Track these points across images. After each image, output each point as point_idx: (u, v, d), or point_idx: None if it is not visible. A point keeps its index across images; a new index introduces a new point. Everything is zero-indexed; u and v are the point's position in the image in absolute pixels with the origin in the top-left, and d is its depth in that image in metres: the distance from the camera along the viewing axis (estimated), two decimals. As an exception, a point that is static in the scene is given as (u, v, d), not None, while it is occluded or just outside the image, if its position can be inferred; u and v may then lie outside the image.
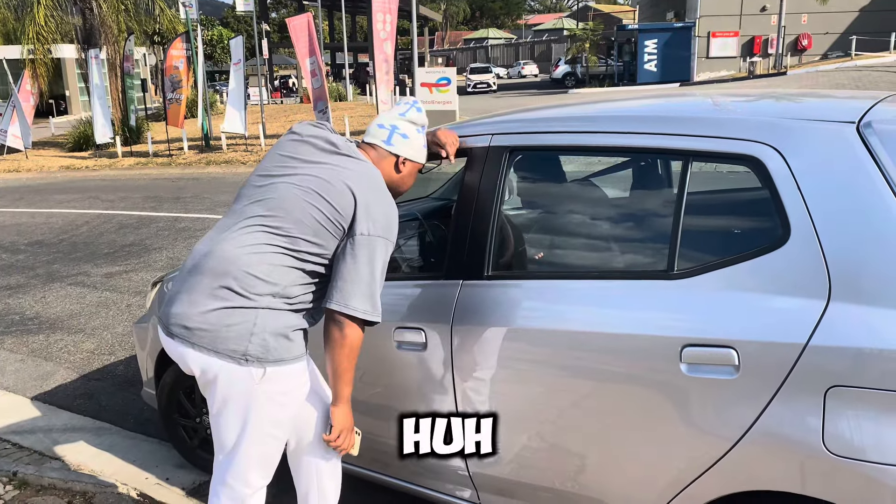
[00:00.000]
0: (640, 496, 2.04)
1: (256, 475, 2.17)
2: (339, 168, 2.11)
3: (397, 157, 2.25)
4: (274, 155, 2.20)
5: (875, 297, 1.66)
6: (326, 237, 2.06)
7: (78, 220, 10.49)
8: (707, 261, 1.93)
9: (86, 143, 20.44)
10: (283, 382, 2.08)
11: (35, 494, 3.17)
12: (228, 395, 2.06)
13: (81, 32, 21.04)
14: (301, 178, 2.09)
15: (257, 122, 18.58)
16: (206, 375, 2.06)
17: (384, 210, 2.09)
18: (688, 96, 2.73)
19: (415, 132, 2.28)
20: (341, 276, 2.03)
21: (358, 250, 2.03)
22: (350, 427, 2.21)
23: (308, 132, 2.21)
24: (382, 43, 15.71)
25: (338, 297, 2.02)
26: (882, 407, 1.63)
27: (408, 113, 2.27)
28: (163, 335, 2.13)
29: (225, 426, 2.11)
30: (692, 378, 1.86)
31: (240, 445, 2.11)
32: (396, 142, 2.25)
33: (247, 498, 2.19)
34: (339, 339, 2.05)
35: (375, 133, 2.27)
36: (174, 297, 2.10)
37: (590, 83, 34.56)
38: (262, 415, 2.08)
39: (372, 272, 2.04)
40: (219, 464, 2.18)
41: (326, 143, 2.17)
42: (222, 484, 2.18)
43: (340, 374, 2.10)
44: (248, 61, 29.10)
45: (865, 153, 1.75)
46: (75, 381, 4.66)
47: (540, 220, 2.78)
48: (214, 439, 2.17)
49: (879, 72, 22.73)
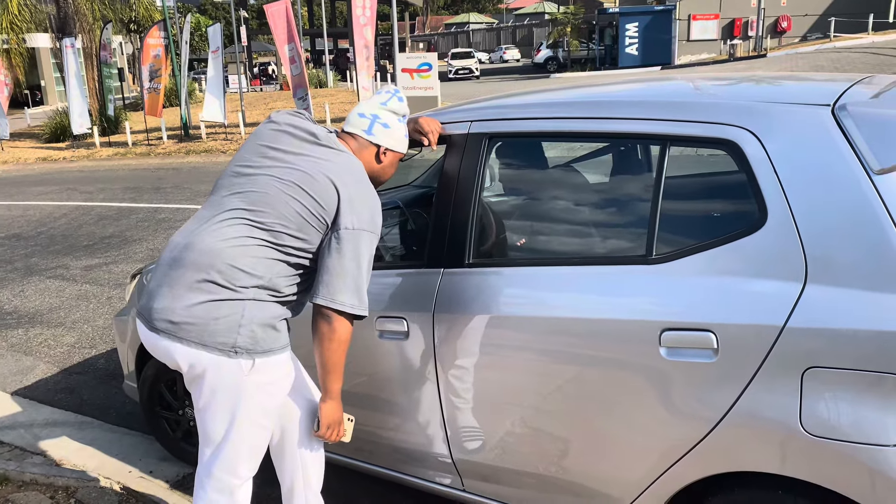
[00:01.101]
0: (622, 479, 2.06)
1: (245, 466, 2.17)
2: (320, 160, 2.09)
3: (378, 146, 2.23)
4: (253, 145, 2.17)
5: (851, 278, 1.68)
6: (310, 231, 2.05)
7: (56, 213, 10.36)
8: (685, 245, 1.94)
9: (63, 133, 20.16)
10: (271, 372, 2.08)
11: (17, 490, 3.15)
12: (217, 388, 2.04)
13: (56, 21, 20.70)
14: (282, 170, 2.07)
15: (237, 110, 18.41)
16: (194, 369, 2.04)
17: (368, 203, 2.08)
18: (667, 80, 2.73)
19: (396, 122, 2.26)
20: (327, 271, 2.02)
21: (343, 244, 2.02)
22: (339, 421, 2.21)
23: (287, 121, 2.18)
24: (362, 28, 15.59)
25: (324, 291, 2.01)
26: (858, 387, 1.65)
27: (389, 102, 2.25)
28: (144, 330, 2.10)
29: (213, 419, 2.10)
30: (672, 362, 1.88)
31: (229, 437, 2.10)
32: (377, 131, 2.22)
33: (235, 489, 2.18)
34: (328, 333, 2.04)
35: (356, 122, 2.24)
36: (155, 291, 2.07)
37: (572, 67, 34.51)
38: (252, 405, 2.07)
39: (358, 266, 2.03)
40: (205, 456, 2.17)
41: (307, 134, 2.15)
42: (209, 476, 2.17)
43: (330, 368, 2.10)
44: (227, 49, 28.78)
45: (840, 136, 1.76)
46: (56, 376, 4.62)
47: (520, 207, 2.78)
48: (200, 432, 2.15)
49: (857, 53, 22.89)
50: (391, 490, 2.91)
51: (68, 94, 18.48)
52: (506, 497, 2.37)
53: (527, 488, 2.31)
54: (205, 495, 2.18)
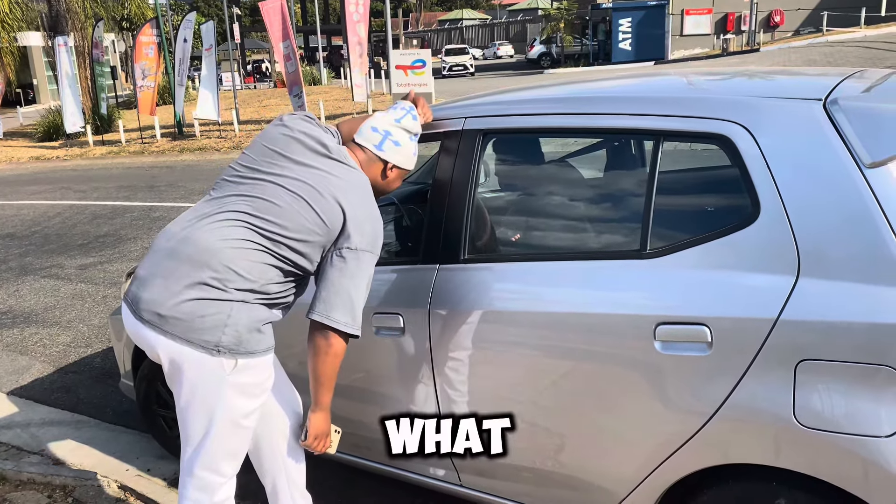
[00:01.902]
0: (618, 472, 2.08)
1: (227, 464, 2.15)
2: (329, 176, 2.08)
3: (386, 163, 2.23)
4: (262, 147, 2.15)
5: (843, 271, 1.69)
6: (311, 244, 2.05)
7: (50, 212, 10.33)
8: (679, 239, 1.95)
9: (56, 132, 20.08)
10: (252, 374, 2.07)
11: (14, 490, 3.15)
12: (197, 385, 2.03)
13: (47, 19, 20.59)
14: (290, 181, 2.06)
15: (231, 107, 18.36)
16: (174, 364, 2.02)
17: (372, 224, 2.09)
18: (660, 76, 2.74)
19: (407, 140, 2.26)
20: (325, 287, 2.03)
21: (344, 263, 2.03)
22: (326, 433, 2.22)
23: (299, 128, 2.17)
24: (356, 25, 15.58)
25: (320, 307, 2.02)
26: (851, 379, 1.66)
27: (403, 120, 2.25)
28: (130, 318, 2.07)
29: (193, 417, 2.08)
30: (666, 356, 1.89)
31: (209, 435, 2.08)
32: (388, 148, 2.22)
33: (217, 487, 2.16)
34: (324, 347, 2.05)
35: (368, 136, 2.23)
36: (147, 280, 2.04)
37: (565, 63, 34.52)
38: (231, 405, 2.06)
39: (356, 286, 2.04)
40: (186, 455, 2.15)
41: (318, 145, 2.14)
42: (190, 475, 2.15)
43: (322, 381, 2.11)
44: (220, 46, 28.69)
45: (832, 130, 1.77)
46: (52, 375, 4.61)
47: (514, 203, 2.79)
48: (181, 431, 2.13)
49: (850, 47, 22.96)
50: (389, 486, 2.92)
51: (61, 93, 18.41)
52: (502, 491, 2.39)
53: (523, 482, 2.32)
54: (187, 493, 2.17)
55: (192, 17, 17.02)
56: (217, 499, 2.18)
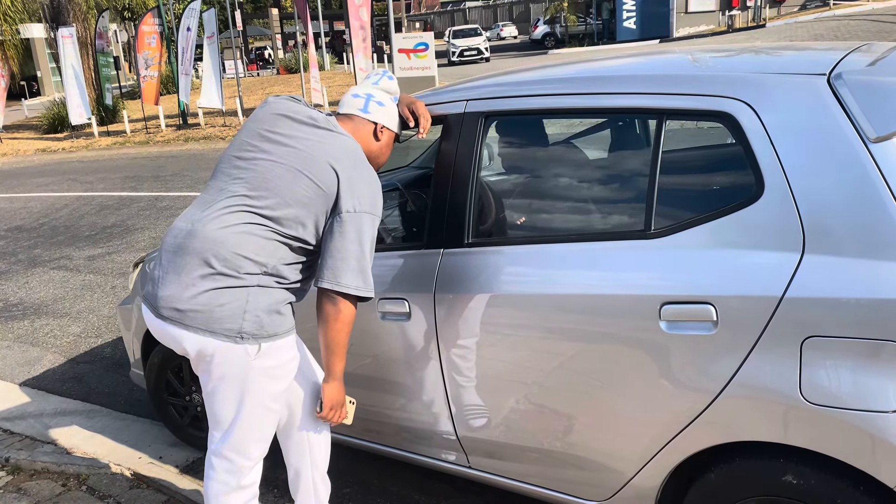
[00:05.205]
0: (625, 452, 2.08)
1: (256, 448, 2.20)
2: (319, 143, 2.10)
3: (375, 124, 2.26)
4: (251, 130, 2.17)
5: (848, 247, 1.68)
6: (312, 215, 2.06)
7: (57, 204, 10.37)
8: (683, 218, 1.94)
9: (61, 124, 20.10)
10: (277, 356, 2.10)
11: (29, 479, 3.19)
12: (225, 373, 2.07)
13: (49, 11, 20.55)
14: (282, 155, 2.08)
15: (234, 95, 18.32)
16: (202, 356, 2.06)
17: (368, 185, 2.10)
18: (664, 54, 2.71)
19: (389, 100, 2.32)
20: (330, 255, 2.04)
21: (345, 227, 2.04)
22: (341, 402, 2.24)
23: (286, 106, 2.19)
24: (358, 9, 15.46)
25: (329, 275, 2.03)
26: (857, 355, 1.66)
27: (381, 81, 2.32)
28: (151, 317, 2.12)
29: (221, 403, 2.12)
30: (672, 335, 1.89)
31: (237, 420, 2.13)
32: (373, 109, 2.27)
33: (246, 470, 2.21)
34: (333, 314, 2.07)
35: (351, 103, 2.28)
36: (161, 278, 2.08)
37: (569, 43, 34.20)
38: (259, 389, 2.10)
39: (361, 248, 2.05)
40: (214, 439, 2.20)
41: (306, 118, 2.16)
42: (219, 457, 2.20)
43: (334, 349, 2.12)
44: (222, 34, 28.58)
45: (836, 105, 1.76)
46: (63, 366, 4.65)
47: (518, 185, 2.78)
48: (209, 416, 2.18)
49: (857, 20, 22.67)
50: (400, 469, 2.95)
51: (65, 85, 18.39)
52: (511, 472, 2.40)
53: (531, 463, 2.33)
54: (215, 476, 2.21)
55: (196, 5, 16.85)
56: (245, 482, 2.22)
